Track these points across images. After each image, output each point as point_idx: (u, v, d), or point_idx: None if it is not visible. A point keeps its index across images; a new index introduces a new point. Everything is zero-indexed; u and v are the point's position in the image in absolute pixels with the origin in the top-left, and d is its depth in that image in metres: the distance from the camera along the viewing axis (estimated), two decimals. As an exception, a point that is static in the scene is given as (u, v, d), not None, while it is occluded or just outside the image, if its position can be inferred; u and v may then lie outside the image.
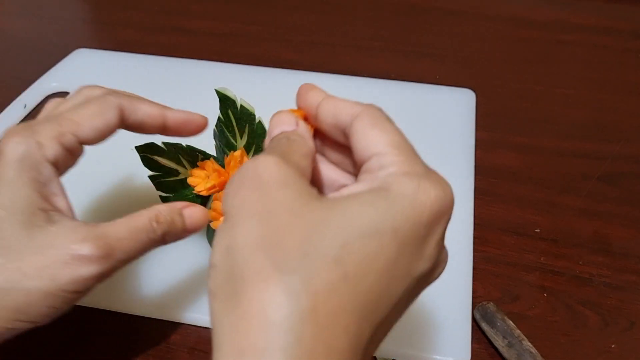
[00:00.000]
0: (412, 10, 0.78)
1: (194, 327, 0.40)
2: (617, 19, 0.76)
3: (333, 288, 0.20)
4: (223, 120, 0.41)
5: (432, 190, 0.22)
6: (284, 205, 0.21)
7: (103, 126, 0.31)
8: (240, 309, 0.20)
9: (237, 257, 0.21)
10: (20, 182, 0.28)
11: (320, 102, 0.27)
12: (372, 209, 0.21)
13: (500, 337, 0.38)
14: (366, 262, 0.20)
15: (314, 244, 0.20)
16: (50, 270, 0.27)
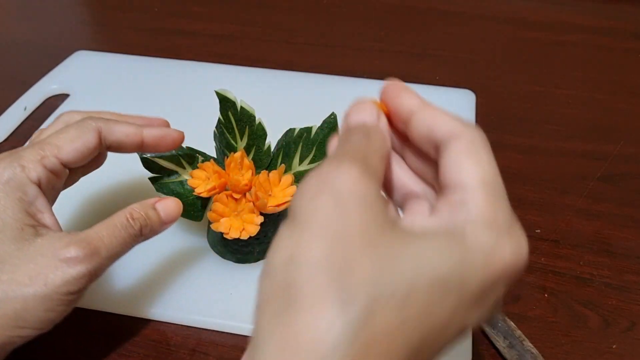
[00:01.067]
0: (412, 11, 0.78)
1: (195, 328, 0.40)
2: (617, 20, 0.76)
3: (390, 331, 0.19)
4: (223, 122, 0.41)
5: (508, 248, 0.21)
6: (359, 229, 0.20)
7: (82, 148, 0.34)
8: (292, 327, 0.19)
9: (299, 271, 0.20)
10: (7, 202, 0.31)
11: (416, 110, 0.26)
12: (445, 257, 0.20)
13: (501, 338, 0.38)
14: (427, 311, 0.20)
15: (382, 282, 0.19)
16: (42, 276, 0.30)
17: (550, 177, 0.53)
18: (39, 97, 0.61)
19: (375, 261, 0.20)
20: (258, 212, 0.40)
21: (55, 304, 0.30)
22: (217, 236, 0.42)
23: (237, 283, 0.42)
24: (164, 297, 0.41)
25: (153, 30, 0.74)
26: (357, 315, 0.19)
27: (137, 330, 0.40)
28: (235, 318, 0.40)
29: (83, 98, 0.60)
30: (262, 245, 0.43)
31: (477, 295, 0.21)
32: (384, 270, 0.20)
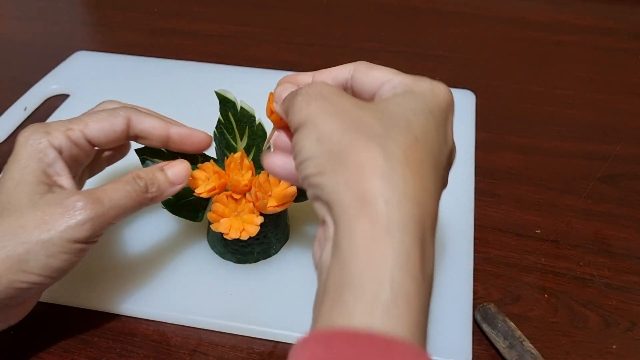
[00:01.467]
0: (412, 12, 0.78)
1: (195, 329, 0.40)
2: (616, 20, 0.76)
3: (412, 145, 0.26)
4: (223, 122, 0.41)
5: (441, 86, 0.30)
6: (350, 105, 0.28)
7: (108, 129, 0.36)
8: (350, 170, 0.25)
9: (331, 140, 0.27)
10: (28, 161, 0.34)
11: (314, 75, 0.35)
12: (411, 100, 0.29)
13: (501, 338, 0.38)
14: (424, 130, 0.27)
15: (387, 120, 0.27)
16: (47, 223, 0.32)
17: (550, 178, 0.53)
18: (39, 98, 0.61)
19: (373, 114, 0.28)
20: (258, 212, 0.40)
21: (57, 249, 0.32)
22: (217, 236, 0.42)
23: (237, 283, 0.42)
24: (163, 297, 0.41)
25: (153, 31, 0.74)
26: (389, 142, 0.26)
27: (137, 331, 0.40)
28: (236, 318, 0.40)
29: (83, 98, 0.60)
30: (262, 245, 0.43)
31: (440, 120, 0.29)
32: (383, 115, 0.27)
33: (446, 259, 0.44)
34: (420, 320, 0.24)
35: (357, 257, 0.24)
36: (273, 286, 0.42)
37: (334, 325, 0.24)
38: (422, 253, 0.25)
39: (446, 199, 0.48)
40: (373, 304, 0.23)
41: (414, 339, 0.23)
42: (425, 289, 0.25)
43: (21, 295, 0.33)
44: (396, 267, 0.24)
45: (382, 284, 0.24)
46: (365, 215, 0.25)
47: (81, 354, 0.39)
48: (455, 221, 0.47)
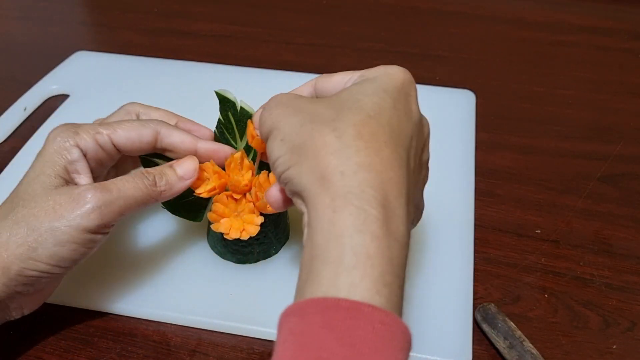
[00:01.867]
0: (412, 12, 0.78)
1: (195, 329, 0.40)
2: (616, 20, 0.76)
3: (364, 122, 0.28)
4: (223, 122, 0.41)
5: (395, 68, 0.32)
6: (305, 102, 0.31)
7: (136, 138, 0.38)
8: (309, 156, 0.28)
9: (291, 136, 0.29)
10: (53, 156, 0.36)
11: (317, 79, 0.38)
12: (364, 85, 0.31)
13: (501, 338, 0.38)
14: (377, 107, 0.29)
15: (339, 106, 0.29)
16: (57, 212, 0.33)
17: (550, 178, 0.53)
18: (39, 98, 0.61)
19: (327, 103, 0.30)
20: (258, 212, 0.40)
21: (66, 238, 0.33)
22: (217, 237, 0.42)
23: (237, 284, 0.42)
24: (164, 297, 0.41)
25: (153, 31, 0.74)
26: (340, 124, 0.28)
27: (137, 331, 0.40)
28: (235, 319, 0.40)
29: (83, 98, 0.60)
30: (263, 245, 0.43)
31: (400, 95, 0.31)
32: (335, 102, 0.30)
33: (446, 259, 0.44)
34: (387, 279, 0.25)
35: (322, 228, 0.26)
36: (273, 286, 0.42)
37: (307, 296, 0.25)
38: (385, 214, 0.26)
39: (446, 198, 0.49)
40: (338, 268, 0.25)
41: (381, 298, 0.25)
42: (393, 247, 0.26)
43: (32, 284, 0.34)
44: (355, 231, 0.25)
45: (344, 248, 0.25)
46: (326, 190, 0.27)
47: (81, 354, 0.39)
48: (455, 221, 0.47)
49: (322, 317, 0.24)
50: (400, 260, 0.27)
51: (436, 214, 0.46)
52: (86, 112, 0.58)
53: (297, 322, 0.24)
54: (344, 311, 0.24)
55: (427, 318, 0.40)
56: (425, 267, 0.43)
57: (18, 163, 0.52)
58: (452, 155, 0.53)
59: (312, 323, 0.24)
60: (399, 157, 0.28)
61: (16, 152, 0.53)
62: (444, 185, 0.49)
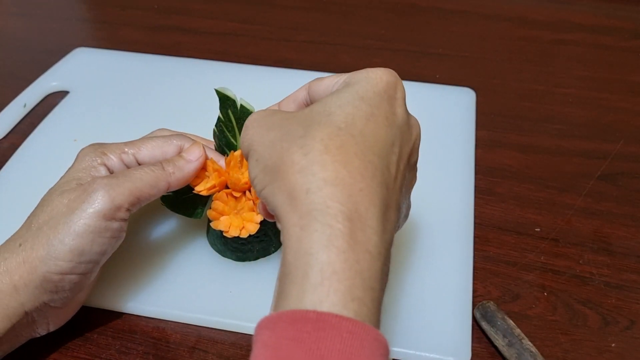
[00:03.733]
0: (412, 10, 0.78)
1: (194, 326, 0.40)
2: (617, 19, 0.76)
3: (332, 135, 0.28)
4: (223, 120, 0.41)
5: (378, 71, 0.31)
6: (278, 120, 0.31)
7: (160, 155, 0.39)
8: (279, 176, 0.28)
9: (264, 157, 0.29)
10: (79, 173, 0.37)
11: (279, 104, 0.38)
12: (342, 93, 0.30)
13: (500, 336, 0.38)
14: (349, 117, 0.29)
15: (309, 121, 0.29)
16: (70, 206, 0.34)
17: (550, 176, 0.53)
18: (39, 94, 0.61)
19: (298, 118, 0.30)
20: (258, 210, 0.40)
21: (82, 228, 0.34)
22: (216, 234, 0.42)
23: (237, 281, 0.42)
24: (163, 294, 0.41)
25: (153, 28, 0.74)
26: (307, 140, 0.28)
27: (136, 328, 0.40)
28: (235, 316, 0.40)
29: (83, 95, 0.60)
30: (262, 243, 0.43)
31: (381, 100, 0.30)
32: (306, 117, 0.30)
33: (446, 257, 0.44)
34: (355, 293, 0.25)
35: (291, 247, 0.27)
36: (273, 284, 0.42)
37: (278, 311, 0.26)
38: (351, 227, 0.26)
39: (446, 196, 0.49)
40: (303, 286, 0.25)
41: (349, 313, 0.24)
42: (362, 260, 0.26)
43: (57, 291, 0.34)
44: (320, 247, 0.26)
45: (310, 265, 0.25)
46: (294, 209, 0.27)
47: (81, 351, 0.39)
48: (455, 219, 0.47)
49: (291, 329, 0.24)
50: (372, 272, 0.26)
51: (436, 212, 0.46)
52: (86, 109, 0.58)
53: (269, 336, 0.25)
54: (311, 323, 0.24)
55: (427, 316, 0.40)
56: (425, 265, 0.43)
57: (18, 159, 0.52)
58: (452, 153, 0.53)
59: (282, 336, 0.24)
60: (372, 166, 0.28)
61: (16, 149, 0.53)
62: (444, 183, 0.49)
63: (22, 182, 0.50)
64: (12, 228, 0.37)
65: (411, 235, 0.45)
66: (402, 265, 0.43)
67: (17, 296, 0.33)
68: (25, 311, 0.34)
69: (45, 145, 0.54)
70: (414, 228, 0.45)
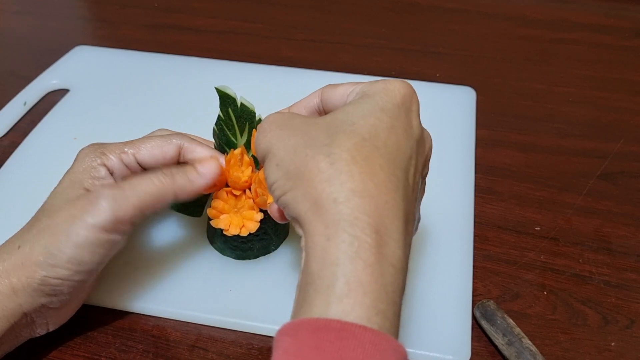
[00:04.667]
0: (413, 8, 0.78)
1: (194, 324, 0.40)
2: (617, 18, 0.76)
3: (358, 146, 0.28)
4: (223, 119, 0.41)
5: (396, 82, 0.32)
6: (299, 124, 0.30)
7: (159, 155, 0.39)
8: (304, 182, 0.28)
9: (286, 162, 0.29)
10: (80, 174, 0.37)
11: (289, 108, 0.37)
12: (362, 104, 0.30)
13: (500, 335, 0.38)
14: (373, 129, 0.29)
15: (333, 129, 0.29)
16: (74, 216, 0.34)
17: (550, 175, 0.53)
18: (39, 92, 0.61)
19: (322, 126, 0.30)
20: (258, 208, 0.40)
21: (83, 240, 0.33)
22: (216, 233, 0.42)
23: (237, 279, 0.42)
24: (163, 293, 0.41)
25: (153, 26, 0.74)
26: (334, 149, 0.28)
27: (136, 326, 0.40)
28: (235, 314, 0.40)
29: (83, 93, 0.60)
30: (262, 241, 0.43)
31: (399, 112, 0.30)
32: (330, 125, 0.29)
33: (446, 256, 0.44)
34: (380, 307, 0.25)
35: (316, 256, 0.26)
36: (273, 282, 0.42)
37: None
38: (378, 240, 0.26)
39: (446, 196, 0.49)
40: (329, 297, 0.25)
41: (373, 326, 0.25)
42: (387, 273, 0.26)
43: (56, 294, 0.34)
44: (347, 259, 0.26)
45: (336, 276, 0.25)
46: (320, 218, 0.27)
47: (80, 349, 0.39)
48: (455, 218, 0.47)
49: (313, 338, 0.24)
50: (395, 286, 0.26)
51: (436, 211, 0.46)
52: (86, 107, 0.58)
53: (290, 343, 0.25)
54: (335, 332, 0.24)
55: (427, 314, 0.40)
56: (425, 264, 0.43)
57: (18, 157, 0.52)
58: (453, 152, 0.53)
59: (304, 344, 0.24)
60: (395, 179, 0.28)
61: (16, 147, 0.53)
62: (444, 182, 0.49)
63: (22, 180, 0.50)
64: (12, 225, 0.37)
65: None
66: (402, 264, 0.43)
67: (16, 298, 0.33)
68: (23, 312, 0.34)
69: (45, 143, 0.54)
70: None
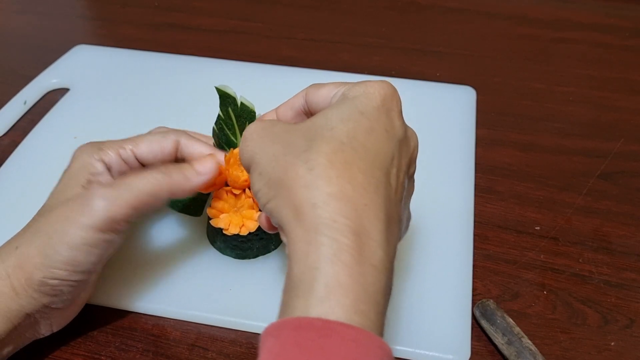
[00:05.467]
0: (413, 8, 0.78)
1: (194, 323, 0.40)
2: (617, 17, 0.76)
3: (337, 150, 0.28)
4: (223, 118, 0.41)
5: (376, 84, 0.31)
6: (280, 132, 0.31)
7: (157, 150, 0.39)
8: (284, 190, 0.28)
9: (267, 171, 0.29)
10: (78, 171, 0.37)
11: (275, 110, 0.37)
12: (342, 107, 0.30)
13: (499, 335, 0.38)
14: (352, 132, 0.29)
15: (312, 134, 0.29)
16: (68, 217, 0.33)
17: (550, 175, 0.53)
18: (39, 91, 0.61)
19: (301, 131, 0.30)
20: (257, 208, 0.40)
21: (78, 241, 0.33)
22: (216, 232, 0.42)
23: (237, 279, 0.42)
24: (163, 292, 0.41)
25: (153, 25, 0.74)
26: (312, 154, 0.28)
27: (136, 325, 0.40)
28: (235, 313, 0.40)
29: (83, 92, 0.60)
30: (262, 241, 0.43)
31: (380, 114, 0.30)
32: (309, 130, 0.29)
33: (446, 256, 0.44)
34: (360, 307, 0.25)
35: (297, 260, 0.27)
36: (273, 281, 0.42)
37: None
38: (357, 242, 0.26)
39: (446, 195, 0.49)
40: (309, 299, 0.25)
41: (352, 323, 0.25)
42: (368, 274, 0.26)
43: (57, 294, 0.34)
44: (326, 262, 0.26)
45: (316, 279, 0.26)
46: (300, 223, 0.27)
47: (80, 348, 0.39)
48: (454, 218, 0.47)
49: (295, 336, 0.24)
50: (377, 286, 0.26)
51: (436, 210, 0.46)
52: (86, 106, 0.58)
53: (273, 342, 0.25)
54: (316, 330, 0.24)
55: (426, 314, 0.40)
56: (425, 263, 0.43)
57: (18, 157, 0.52)
58: (453, 152, 0.53)
59: (287, 343, 0.24)
60: (375, 181, 0.28)
61: (16, 146, 0.53)
62: (444, 181, 0.49)
63: (23, 179, 0.50)
64: (12, 225, 0.37)
65: (411, 233, 0.45)
66: (402, 263, 0.43)
67: (17, 299, 0.33)
68: (26, 313, 0.34)
69: (46, 142, 0.54)
70: (414, 227, 0.45)
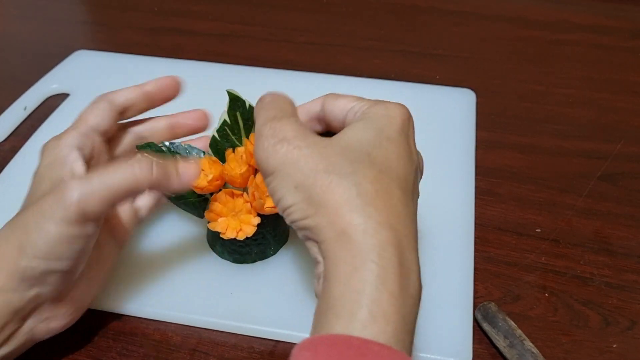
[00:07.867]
0: (412, 10, 0.78)
1: (195, 328, 0.40)
2: (617, 19, 0.76)
3: (377, 178, 0.29)
4: (229, 123, 0.40)
5: (395, 108, 0.32)
6: (314, 145, 0.30)
7: (102, 113, 0.40)
8: (329, 210, 0.28)
9: (306, 186, 0.29)
10: (49, 159, 0.37)
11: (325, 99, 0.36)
12: (368, 132, 0.31)
13: (501, 337, 0.38)
14: (386, 161, 0.30)
15: (352, 158, 0.29)
16: (43, 209, 0.32)
17: (551, 176, 0.53)
18: (39, 97, 0.61)
19: (337, 151, 0.30)
20: (255, 213, 0.40)
21: (53, 235, 0.32)
22: (216, 236, 0.42)
23: (238, 283, 0.42)
24: (164, 296, 0.41)
25: (153, 30, 0.74)
26: (358, 178, 0.28)
27: (137, 330, 0.40)
28: (236, 318, 0.40)
29: (83, 98, 0.60)
30: (260, 246, 0.43)
31: (400, 139, 0.31)
32: (346, 151, 0.30)
33: (447, 259, 0.44)
34: (399, 337, 0.26)
35: (339, 284, 0.27)
36: (274, 286, 0.42)
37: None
38: (401, 272, 0.27)
39: (447, 198, 0.48)
40: (351, 323, 0.26)
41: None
42: (407, 304, 0.27)
43: (42, 283, 0.33)
44: (372, 288, 0.26)
45: (360, 304, 0.26)
46: (346, 247, 0.27)
47: (81, 353, 0.39)
48: (455, 220, 0.47)
49: (333, 352, 0.24)
50: (413, 317, 0.27)
51: (436, 213, 0.46)
52: (86, 111, 0.58)
53: (308, 357, 0.25)
54: (354, 348, 0.24)
55: (428, 317, 0.40)
56: (426, 266, 0.43)
57: (18, 162, 0.52)
58: (453, 154, 0.53)
59: (324, 356, 0.24)
60: (410, 211, 0.29)
61: (16, 152, 0.53)
62: (445, 184, 0.49)
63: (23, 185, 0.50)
64: (12, 231, 0.37)
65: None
66: (403, 266, 0.43)
67: (4, 293, 0.32)
68: (15, 309, 0.33)
69: (46, 147, 0.54)
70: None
